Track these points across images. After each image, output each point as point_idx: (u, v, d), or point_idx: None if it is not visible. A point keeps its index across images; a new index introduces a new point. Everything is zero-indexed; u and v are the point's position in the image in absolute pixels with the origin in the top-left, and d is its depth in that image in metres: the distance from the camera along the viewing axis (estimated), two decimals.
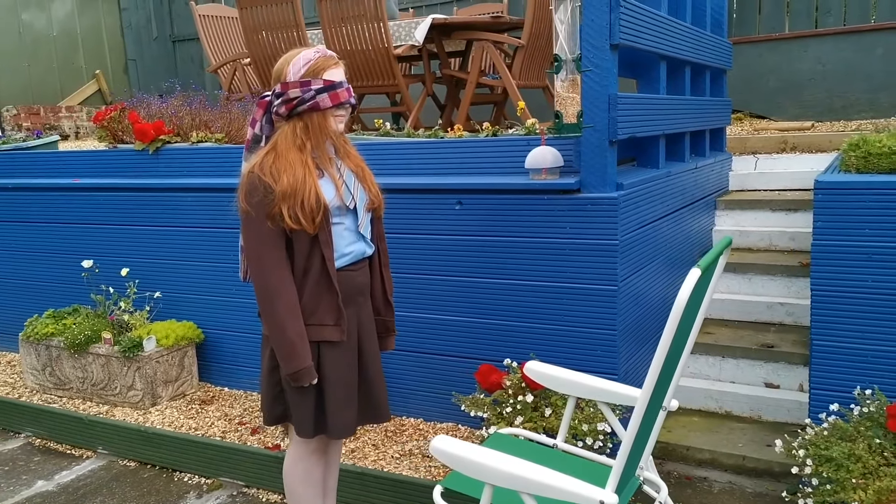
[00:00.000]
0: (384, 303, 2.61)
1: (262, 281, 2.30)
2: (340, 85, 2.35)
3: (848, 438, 2.81)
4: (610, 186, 3.20)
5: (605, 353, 3.29)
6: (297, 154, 2.32)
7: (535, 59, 5.34)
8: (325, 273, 2.34)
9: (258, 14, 5.49)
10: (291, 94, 2.32)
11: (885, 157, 3.11)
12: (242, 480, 3.52)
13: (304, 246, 2.32)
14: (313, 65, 2.33)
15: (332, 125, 2.37)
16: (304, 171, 2.30)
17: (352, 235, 2.43)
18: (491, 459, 1.89)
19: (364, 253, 2.48)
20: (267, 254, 2.29)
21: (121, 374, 4.17)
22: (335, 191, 2.36)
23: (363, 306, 2.50)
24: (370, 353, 2.52)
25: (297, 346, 2.28)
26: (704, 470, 3.42)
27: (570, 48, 3.23)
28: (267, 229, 2.28)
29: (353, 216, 2.43)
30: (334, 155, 2.44)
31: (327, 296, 2.35)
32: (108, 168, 4.76)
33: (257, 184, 2.28)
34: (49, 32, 9.49)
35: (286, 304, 2.29)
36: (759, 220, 4.63)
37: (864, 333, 3.05)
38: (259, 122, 2.44)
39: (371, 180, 2.51)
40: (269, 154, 2.33)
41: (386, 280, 2.60)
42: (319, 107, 2.32)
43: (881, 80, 6.29)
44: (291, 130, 2.35)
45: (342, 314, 2.37)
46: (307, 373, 2.31)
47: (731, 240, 2.10)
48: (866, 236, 3.00)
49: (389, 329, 2.65)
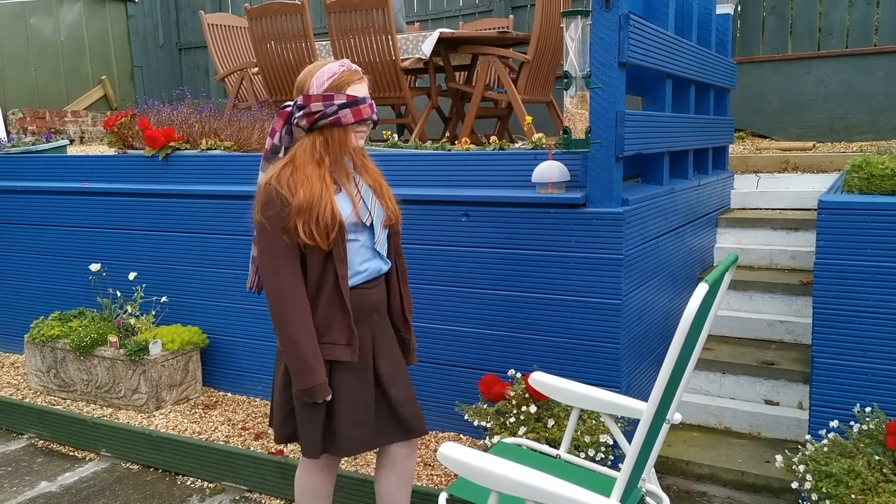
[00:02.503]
0: (402, 320, 2.57)
1: (277, 295, 2.27)
2: (363, 101, 2.31)
3: (847, 455, 2.84)
4: (615, 202, 3.24)
5: (608, 366, 3.33)
6: (314, 168, 2.29)
7: (539, 75, 5.40)
8: (337, 291, 2.30)
9: (267, 24, 5.55)
10: (313, 107, 2.28)
11: (887, 179, 3.17)
12: (245, 485, 3.55)
13: (317, 262, 2.29)
14: (337, 79, 2.30)
15: (352, 141, 2.34)
16: (322, 186, 2.27)
17: (367, 252, 2.40)
18: (498, 467, 1.92)
19: (380, 270, 2.45)
20: (282, 268, 2.26)
21: (125, 378, 4.19)
22: (352, 207, 2.33)
23: (378, 323, 2.46)
24: (388, 369, 2.47)
25: (310, 362, 2.25)
26: (704, 484, 3.45)
27: (580, 65, 3.29)
28: (282, 243, 2.25)
29: (369, 233, 2.40)
30: (352, 170, 2.41)
31: (339, 314, 2.32)
32: (118, 173, 4.81)
33: (273, 196, 2.25)
34: (56, 38, 9.56)
35: (300, 319, 2.26)
36: (760, 239, 4.68)
37: (864, 351, 3.09)
38: (278, 133, 2.40)
39: (389, 195, 2.48)
40: (286, 167, 2.31)
41: (404, 296, 2.56)
42: (341, 122, 2.29)
43: (882, 102, 6.37)
44: (311, 144, 2.32)
45: (353, 334, 2.33)
46: (321, 389, 2.28)
47: (737, 256, 2.14)
48: (868, 256, 3.05)
49: (408, 346, 2.61)
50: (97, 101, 9.98)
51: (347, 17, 5.24)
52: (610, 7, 3.10)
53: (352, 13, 5.21)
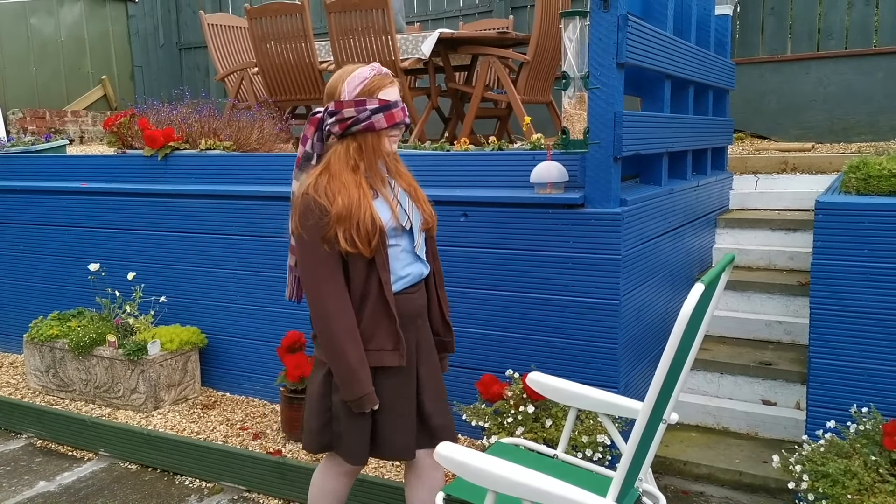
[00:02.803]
0: (442, 322, 2.54)
1: (320, 306, 2.23)
2: (396, 104, 2.29)
3: (844, 455, 2.85)
4: (614, 202, 3.25)
5: (605, 366, 3.33)
6: (350, 175, 2.26)
7: (539, 75, 5.41)
8: (382, 297, 2.27)
9: (267, 24, 5.56)
10: (346, 113, 2.25)
11: (884, 180, 3.17)
12: (243, 485, 3.55)
13: (360, 270, 2.26)
14: (369, 83, 2.27)
15: (386, 145, 2.31)
16: (359, 192, 2.23)
17: (409, 257, 2.37)
18: (495, 467, 1.93)
19: (421, 274, 2.42)
20: (324, 278, 2.22)
21: (124, 377, 4.20)
22: (390, 212, 2.30)
23: (422, 329, 2.44)
24: (429, 376, 2.45)
25: (358, 372, 2.22)
26: (701, 485, 3.46)
27: (579, 66, 3.29)
28: (323, 252, 2.21)
29: (409, 237, 2.37)
30: (387, 175, 2.38)
31: (385, 320, 2.28)
32: (117, 173, 4.81)
33: (312, 206, 2.21)
34: (57, 37, 9.56)
35: (345, 329, 2.22)
36: (758, 239, 4.69)
37: (861, 352, 3.09)
38: (310, 140, 2.35)
39: (424, 199, 2.44)
40: (322, 174, 2.27)
41: (442, 300, 2.54)
42: (374, 127, 2.26)
43: (881, 103, 6.37)
44: (345, 150, 2.28)
45: (401, 339, 2.30)
46: (369, 399, 2.25)
47: (733, 257, 2.14)
48: (865, 256, 3.05)
49: (447, 349, 2.58)
50: (97, 100, 9.99)
51: (347, 17, 5.24)
52: (608, 8, 3.10)
53: (352, 13, 5.22)
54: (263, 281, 4.25)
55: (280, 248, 4.15)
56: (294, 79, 5.69)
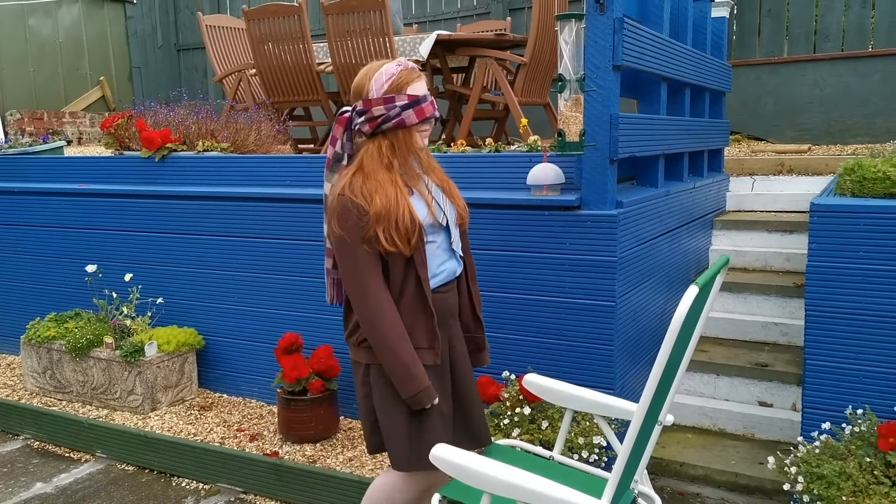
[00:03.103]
0: (473, 319, 2.52)
1: (365, 308, 2.21)
2: (424, 99, 2.25)
3: (839, 457, 2.85)
4: (610, 204, 3.26)
5: (602, 368, 3.34)
6: (385, 173, 2.23)
7: (536, 77, 5.42)
8: (420, 294, 2.26)
9: (265, 26, 5.56)
10: (375, 111, 2.22)
11: (879, 182, 3.18)
12: (240, 487, 3.55)
13: (399, 268, 2.24)
14: (396, 79, 2.24)
15: (417, 141, 2.29)
16: (396, 190, 2.21)
17: (444, 254, 2.35)
18: (490, 468, 1.93)
19: (455, 272, 2.40)
20: (367, 279, 2.20)
21: (121, 379, 4.20)
22: (426, 208, 2.28)
23: (453, 328, 2.43)
24: (463, 375, 2.43)
25: (412, 368, 2.20)
26: (697, 486, 3.46)
27: (574, 68, 3.30)
28: (363, 253, 2.19)
29: (445, 233, 2.35)
30: (420, 171, 2.35)
31: (422, 318, 2.27)
32: (114, 174, 4.82)
33: (349, 207, 2.18)
34: (55, 38, 9.56)
35: (392, 328, 2.20)
36: (755, 241, 4.70)
37: (856, 354, 3.10)
38: (339, 140, 2.33)
39: (457, 194, 2.42)
40: (356, 175, 2.24)
41: (474, 295, 2.52)
42: (405, 123, 2.23)
43: (878, 105, 6.38)
44: (377, 149, 2.26)
45: (437, 337, 2.28)
46: (427, 394, 2.22)
47: (728, 258, 2.15)
48: (860, 258, 3.06)
49: (480, 346, 2.57)
50: (95, 102, 9.99)
51: (345, 18, 5.25)
52: (604, 10, 3.11)
53: (349, 15, 5.22)
54: (261, 282, 4.25)
55: (278, 250, 4.15)
56: (292, 80, 5.69)
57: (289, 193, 4.09)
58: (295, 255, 4.10)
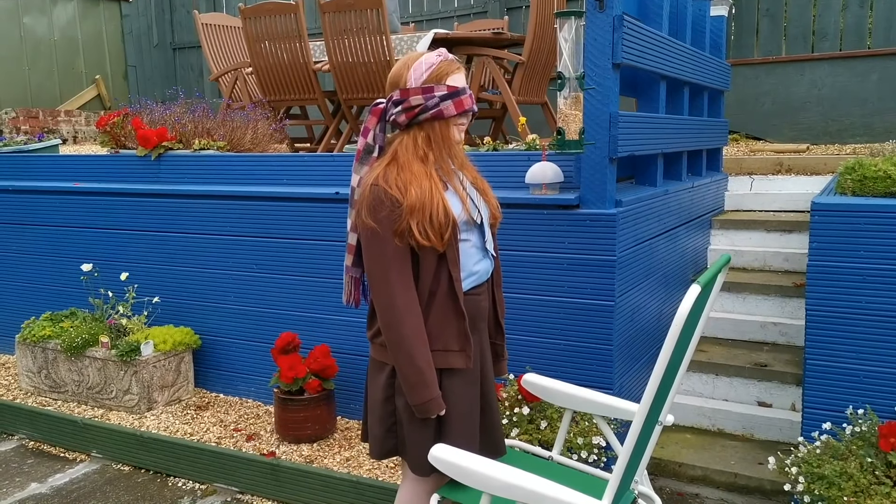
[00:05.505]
0: (495, 325, 2.42)
1: (389, 304, 2.11)
2: (464, 91, 2.17)
3: (840, 457, 2.84)
4: (609, 203, 3.24)
5: (601, 368, 3.32)
6: (420, 166, 2.15)
7: (534, 76, 5.40)
8: (452, 294, 2.17)
9: (261, 24, 5.54)
10: (413, 101, 2.14)
11: (880, 181, 3.17)
12: (237, 487, 3.53)
13: (430, 265, 2.14)
14: (436, 69, 2.15)
15: (454, 134, 2.20)
16: (431, 183, 2.13)
17: (478, 253, 2.26)
18: (489, 469, 1.92)
19: (488, 272, 2.30)
20: (394, 274, 2.10)
21: (117, 378, 4.17)
22: (461, 205, 2.19)
23: (483, 332, 2.33)
24: (490, 382, 2.35)
25: (426, 374, 2.10)
26: (696, 486, 3.45)
27: (574, 66, 3.28)
28: (393, 247, 2.10)
29: (479, 232, 2.26)
30: (454, 167, 2.26)
31: (454, 319, 2.18)
32: (110, 173, 4.79)
33: (383, 197, 2.09)
34: (50, 37, 9.53)
35: (414, 329, 2.10)
36: (753, 241, 4.68)
37: (857, 354, 3.09)
38: (372, 132, 2.24)
39: (490, 193, 2.34)
40: (391, 166, 2.15)
41: (498, 301, 2.41)
42: (443, 115, 2.15)
43: (876, 104, 6.38)
44: (412, 140, 2.18)
45: (468, 339, 2.19)
46: (436, 403, 2.13)
47: (729, 258, 2.13)
48: (861, 257, 3.05)
49: (500, 354, 2.46)
50: (91, 100, 9.96)
51: (342, 17, 5.22)
52: (604, 8, 3.09)
53: (346, 13, 5.20)
54: (257, 281, 4.23)
55: (275, 249, 4.13)
56: (288, 79, 5.67)
57: (286, 192, 4.07)
58: (292, 254, 4.08)
